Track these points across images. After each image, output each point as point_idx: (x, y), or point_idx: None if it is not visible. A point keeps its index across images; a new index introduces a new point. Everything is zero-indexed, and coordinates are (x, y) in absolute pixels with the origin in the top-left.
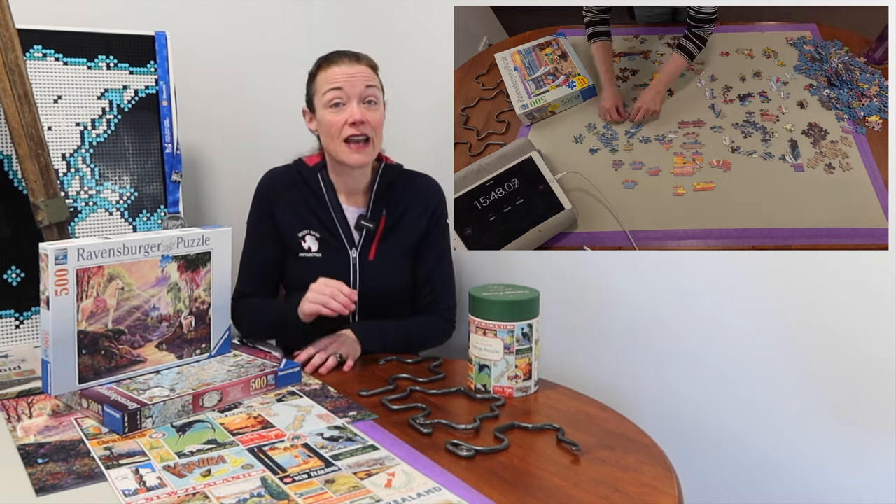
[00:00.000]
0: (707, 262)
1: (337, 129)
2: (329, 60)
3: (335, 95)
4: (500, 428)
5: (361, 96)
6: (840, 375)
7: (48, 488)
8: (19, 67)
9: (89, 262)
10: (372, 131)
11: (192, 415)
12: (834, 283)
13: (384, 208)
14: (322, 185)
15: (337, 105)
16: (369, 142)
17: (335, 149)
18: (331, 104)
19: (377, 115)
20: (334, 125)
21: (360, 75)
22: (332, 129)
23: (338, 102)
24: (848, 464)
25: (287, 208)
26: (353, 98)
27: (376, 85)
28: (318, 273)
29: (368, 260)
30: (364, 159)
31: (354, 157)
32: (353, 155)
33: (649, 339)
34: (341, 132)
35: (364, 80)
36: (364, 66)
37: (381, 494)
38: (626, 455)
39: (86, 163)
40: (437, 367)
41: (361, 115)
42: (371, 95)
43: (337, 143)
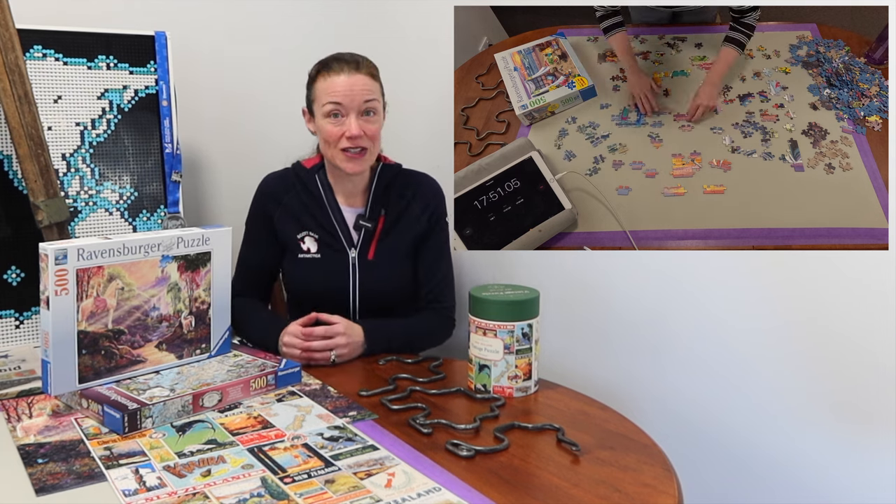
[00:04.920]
0: (707, 262)
1: (334, 139)
2: (329, 68)
3: (334, 108)
4: (500, 428)
5: (360, 109)
6: (840, 375)
7: (48, 488)
8: (19, 67)
9: (89, 262)
10: (369, 142)
11: (192, 415)
12: (834, 283)
13: (383, 208)
14: (320, 187)
15: (336, 116)
16: (366, 151)
17: (332, 155)
18: (330, 114)
19: (375, 126)
20: (332, 136)
21: (359, 88)
22: (329, 138)
23: (336, 114)
24: (848, 464)
25: (285, 213)
26: (351, 112)
27: (375, 97)
28: (318, 274)
29: (368, 259)
30: (360, 168)
31: (350, 166)
32: (349, 164)
33: (649, 339)
34: (338, 143)
35: (363, 93)
36: (364, 76)
37: (381, 494)
38: (626, 455)
39: (86, 163)
40: (437, 367)
41: (359, 129)
42: (370, 107)
43: (334, 150)
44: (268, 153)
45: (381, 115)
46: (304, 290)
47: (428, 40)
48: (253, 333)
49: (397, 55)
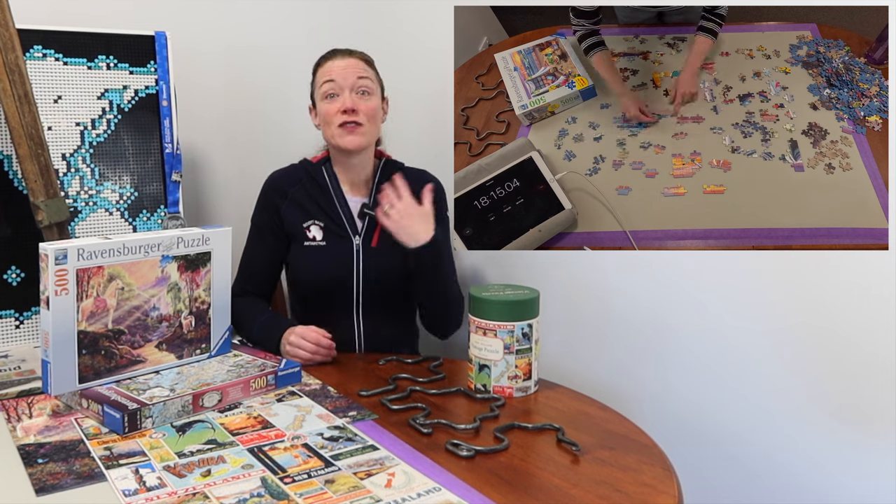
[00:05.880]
0: (707, 262)
1: (332, 116)
2: (325, 57)
3: (329, 87)
4: (500, 428)
5: (354, 87)
6: (840, 375)
7: (48, 488)
8: (19, 67)
9: (89, 262)
10: (364, 118)
11: (192, 415)
12: (834, 283)
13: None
14: (326, 176)
15: (332, 96)
16: (362, 126)
17: (331, 134)
18: (326, 95)
19: (370, 103)
20: (329, 113)
21: (351, 67)
22: (327, 117)
23: (332, 93)
24: (848, 464)
25: (292, 203)
26: (345, 88)
27: (369, 76)
28: (323, 261)
29: (371, 247)
30: (358, 141)
31: (347, 139)
32: (347, 136)
33: (649, 339)
34: (335, 119)
35: (356, 71)
36: (356, 59)
37: (381, 494)
38: (626, 455)
39: (86, 163)
40: (437, 367)
41: (353, 103)
42: (363, 86)
43: (333, 128)
44: (268, 153)
45: (376, 97)
46: (308, 277)
47: (428, 40)
48: (254, 333)
49: (398, 55)
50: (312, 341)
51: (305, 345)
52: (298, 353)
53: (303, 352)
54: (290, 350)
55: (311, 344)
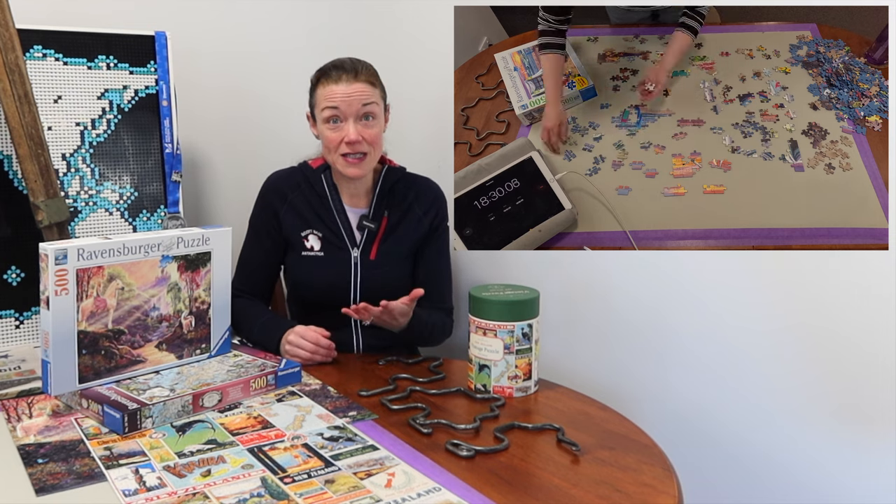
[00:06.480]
0: (707, 262)
1: (334, 145)
2: (328, 76)
3: (332, 114)
4: (500, 428)
5: (358, 114)
6: (840, 375)
7: (48, 488)
8: (19, 67)
9: (89, 262)
10: (368, 147)
11: (192, 415)
12: (834, 283)
13: (386, 209)
14: (325, 187)
15: (334, 120)
16: (365, 156)
17: (333, 160)
18: (328, 119)
19: (374, 130)
20: (331, 141)
21: (357, 94)
22: (329, 143)
23: (335, 118)
24: (848, 464)
25: (291, 209)
26: (349, 117)
27: (374, 101)
28: (321, 272)
29: (369, 259)
30: (360, 172)
31: (350, 171)
32: (349, 169)
33: (649, 339)
34: (338, 149)
35: (361, 98)
36: (362, 84)
37: (381, 494)
38: (626, 455)
39: (86, 163)
40: (437, 367)
41: (357, 135)
42: (368, 112)
43: (334, 156)
44: (268, 153)
45: (380, 119)
46: (305, 287)
47: (428, 40)
48: (254, 333)
49: (397, 55)
50: (312, 341)
51: (305, 344)
52: (298, 353)
53: (302, 351)
54: (289, 350)
55: (311, 343)
